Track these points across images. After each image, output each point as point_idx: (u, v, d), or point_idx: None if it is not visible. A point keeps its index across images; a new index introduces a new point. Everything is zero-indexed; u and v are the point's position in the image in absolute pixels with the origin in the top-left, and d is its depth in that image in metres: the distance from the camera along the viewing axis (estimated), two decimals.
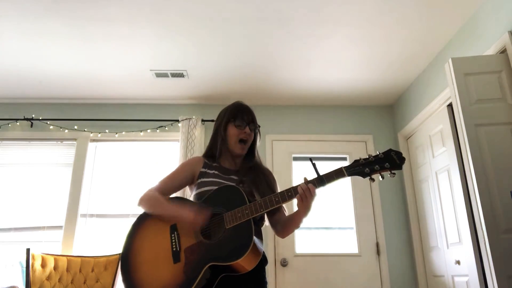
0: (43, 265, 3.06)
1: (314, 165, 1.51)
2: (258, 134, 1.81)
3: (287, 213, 1.70)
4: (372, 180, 1.46)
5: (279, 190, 1.71)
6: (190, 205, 1.53)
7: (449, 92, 2.70)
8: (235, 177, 1.69)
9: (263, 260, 1.59)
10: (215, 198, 1.57)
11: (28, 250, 2.99)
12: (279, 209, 1.68)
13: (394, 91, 3.96)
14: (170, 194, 1.70)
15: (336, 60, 3.41)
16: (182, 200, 1.67)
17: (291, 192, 1.48)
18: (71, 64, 3.47)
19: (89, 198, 3.89)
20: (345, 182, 3.94)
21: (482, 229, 2.21)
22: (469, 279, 2.88)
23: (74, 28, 2.97)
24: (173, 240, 1.53)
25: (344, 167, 1.48)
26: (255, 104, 4.06)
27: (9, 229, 3.76)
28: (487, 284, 2.38)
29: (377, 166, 1.44)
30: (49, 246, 3.61)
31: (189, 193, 1.79)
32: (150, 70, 3.56)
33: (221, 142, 1.74)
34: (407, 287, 3.62)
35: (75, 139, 4.02)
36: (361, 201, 3.88)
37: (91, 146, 4.05)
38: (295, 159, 4.02)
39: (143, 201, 1.64)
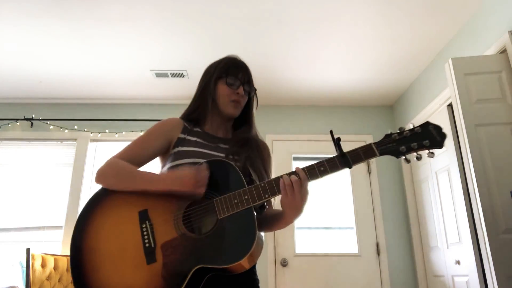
0: (43, 265, 3.06)
1: (337, 139, 1.18)
2: (255, 99, 1.48)
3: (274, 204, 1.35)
4: (408, 161, 1.15)
5: (273, 171, 1.41)
6: (187, 168, 1.15)
7: (449, 92, 2.70)
8: (223, 145, 1.33)
9: None
10: None
11: (28, 250, 2.99)
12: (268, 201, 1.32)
13: (394, 91, 3.96)
14: (138, 167, 1.26)
15: (336, 60, 3.41)
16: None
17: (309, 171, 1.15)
18: (71, 64, 3.47)
19: (89, 198, 3.89)
20: (345, 182, 3.94)
21: (482, 229, 2.21)
22: (469, 279, 2.88)
23: (74, 28, 2.97)
24: (145, 233, 1.12)
25: (375, 143, 1.15)
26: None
27: (9, 229, 3.76)
28: (487, 284, 2.38)
29: (414, 143, 1.13)
30: (49, 246, 3.61)
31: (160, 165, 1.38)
32: (150, 70, 3.56)
33: (212, 104, 1.38)
34: (407, 287, 3.62)
35: (75, 139, 4.02)
36: (361, 201, 3.88)
37: (91, 146, 4.05)
38: (295, 159, 4.02)
39: (108, 172, 1.21)
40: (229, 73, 1.39)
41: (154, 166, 1.36)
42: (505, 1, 2.47)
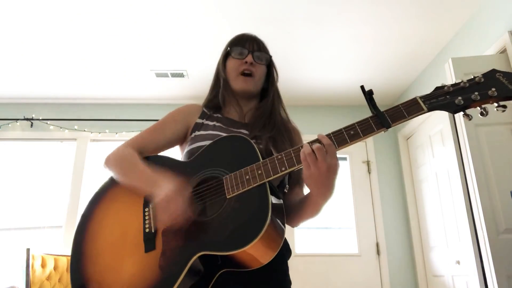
0: (43, 265, 3.05)
1: (369, 93, 0.99)
2: (275, 70, 1.33)
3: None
4: (469, 117, 0.89)
5: None
6: (170, 182, 0.97)
7: None
8: (245, 131, 1.17)
9: (285, 250, 1.10)
10: (211, 155, 1.04)
11: (28, 250, 2.99)
12: (299, 184, 1.17)
13: (394, 91, 3.96)
14: (151, 153, 1.16)
15: (336, 60, 3.41)
16: (166, 162, 1.11)
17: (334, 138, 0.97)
18: (71, 64, 3.46)
19: (89, 198, 3.89)
20: (345, 182, 3.94)
21: (482, 229, 2.21)
22: (469, 279, 2.88)
23: (74, 28, 2.97)
24: (147, 217, 1.01)
25: (421, 96, 0.92)
26: None
27: (9, 229, 3.76)
28: (487, 284, 2.38)
29: (476, 93, 0.87)
30: (49, 246, 3.61)
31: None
32: (150, 70, 3.56)
33: (224, 85, 1.25)
34: (407, 287, 3.62)
35: (75, 139, 4.02)
36: (361, 201, 3.88)
37: (91, 146, 4.05)
38: None
39: (111, 161, 1.14)
40: (233, 46, 1.28)
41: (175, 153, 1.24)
42: (505, 1, 2.47)
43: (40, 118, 4.01)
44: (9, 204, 3.83)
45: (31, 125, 4.00)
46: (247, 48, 1.26)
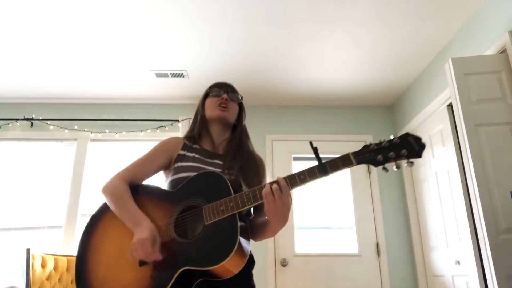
0: (43, 265, 3.06)
1: (315, 149, 1.22)
2: (244, 111, 1.60)
3: None
4: (386, 170, 1.19)
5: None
6: (148, 227, 1.23)
7: (449, 92, 2.70)
8: (219, 162, 1.43)
9: (250, 262, 1.35)
10: (192, 187, 1.30)
11: (28, 250, 2.99)
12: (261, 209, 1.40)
13: (394, 91, 3.96)
14: (140, 182, 1.43)
15: (336, 60, 3.41)
16: (154, 192, 1.38)
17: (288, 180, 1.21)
18: (71, 64, 3.47)
19: (89, 198, 3.89)
20: (345, 182, 3.94)
21: (482, 229, 2.21)
22: (469, 279, 2.88)
23: (74, 28, 2.97)
24: None
25: (352, 153, 1.19)
26: (255, 104, 4.12)
27: (9, 229, 3.76)
28: (487, 284, 2.38)
29: (392, 153, 1.15)
30: (49, 246, 3.61)
31: (164, 179, 1.51)
32: (150, 70, 3.56)
33: (201, 120, 1.54)
34: (407, 287, 3.62)
35: (75, 139, 4.02)
36: (361, 201, 3.88)
37: (91, 146, 4.05)
38: (295, 159, 4.02)
39: (107, 192, 1.36)
40: (212, 88, 1.56)
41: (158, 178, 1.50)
42: (505, 1, 2.47)
43: (40, 118, 4.01)
44: (9, 204, 3.83)
45: (31, 125, 4.00)
46: (223, 90, 1.54)
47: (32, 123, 4.00)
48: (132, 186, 1.38)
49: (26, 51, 3.26)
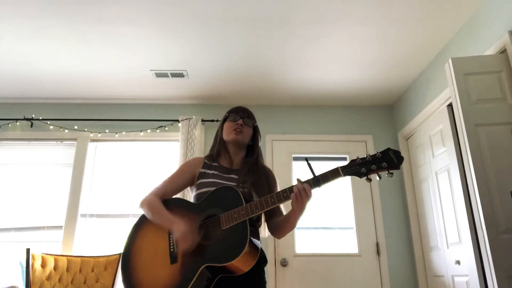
0: (43, 265, 3.06)
1: (309, 165, 1.50)
2: (258, 134, 1.84)
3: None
4: (369, 180, 1.43)
5: (274, 171, 1.81)
6: (183, 223, 1.53)
7: (449, 92, 2.70)
8: (235, 176, 1.70)
9: (261, 261, 1.60)
10: (212, 199, 1.58)
11: (28, 250, 2.99)
12: (277, 211, 1.69)
13: (394, 91, 3.96)
14: (170, 196, 1.73)
15: (336, 60, 3.41)
16: (181, 204, 1.69)
17: (287, 193, 1.48)
18: (71, 64, 3.47)
19: (89, 198, 3.89)
20: (345, 182, 3.94)
21: (482, 229, 2.21)
22: (469, 279, 2.88)
23: (74, 28, 2.97)
24: (171, 241, 1.56)
25: (341, 167, 1.45)
26: (255, 104, 4.12)
27: (9, 229, 3.76)
28: (487, 284, 2.38)
29: (374, 165, 1.40)
30: (49, 246, 3.61)
31: (190, 194, 1.81)
32: (150, 70, 3.56)
33: (219, 141, 1.80)
34: (407, 287, 3.62)
35: (75, 139, 4.02)
36: (361, 201, 3.88)
37: (91, 146, 4.05)
38: (295, 159, 4.02)
39: (144, 205, 1.68)
40: (231, 113, 1.80)
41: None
42: (505, 1, 2.47)
43: (40, 118, 4.01)
44: (9, 204, 3.83)
45: (31, 125, 4.00)
46: (239, 115, 1.78)
47: (32, 123, 4.00)
48: (163, 200, 1.68)
49: (26, 51, 3.26)
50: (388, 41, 3.13)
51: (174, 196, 1.74)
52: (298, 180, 1.48)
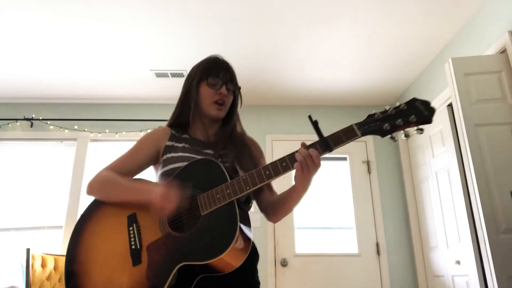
0: (43, 265, 3.06)
1: (315, 124, 1.13)
2: (239, 98, 1.45)
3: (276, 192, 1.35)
4: (394, 139, 1.09)
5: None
6: (161, 186, 1.13)
7: (449, 92, 2.70)
8: (210, 151, 1.31)
9: (253, 254, 1.23)
10: (185, 176, 1.18)
11: (28, 250, 2.99)
12: (267, 187, 1.33)
13: (394, 91, 3.96)
14: (131, 176, 1.31)
15: (336, 60, 3.41)
16: (144, 181, 1.26)
17: (286, 162, 1.11)
18: (71, 64, 3.47)
19: (89, 198, 3.89)
20: (345, 182, 3.94)
21: (482, 229, 2.21)
22: (469, 279, 2.88)
23: (74, 28, 2.97)
24: (132, 235, 1.16)
25: (356, 124, 1.13)
26: (255, 104, 4.12)
27: (9, 229, 3.76)
28: (487, 284, 2.38)
29: (400, 120, 1.06)
30: (49, 246, 3.61)
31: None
32: (150, 70, 3.56)
33: (194, 106, 1.37)
34: (407, 287, 3.62)
35: (75, 139, 4.02)
36: (361, 201, 3.88)
37: (91, 146, 4.05)
38: None
39: (94, 185, 1.26)
40: (210, 73, 1.38)
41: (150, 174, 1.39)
42: (505, 1, 2.47)
43: (40, 118, 4.01)
44: (9, 204, 3.83)
45: (31, 125, 4.00)
46: (221, 79, 1.36)
47: (32, 123, 4.00)
48: None
49: (26, 51, 3.26)
50: (388, 41, 3.13)
51: (134, 177, 1.31)
52: (303, 144, 1.12)
